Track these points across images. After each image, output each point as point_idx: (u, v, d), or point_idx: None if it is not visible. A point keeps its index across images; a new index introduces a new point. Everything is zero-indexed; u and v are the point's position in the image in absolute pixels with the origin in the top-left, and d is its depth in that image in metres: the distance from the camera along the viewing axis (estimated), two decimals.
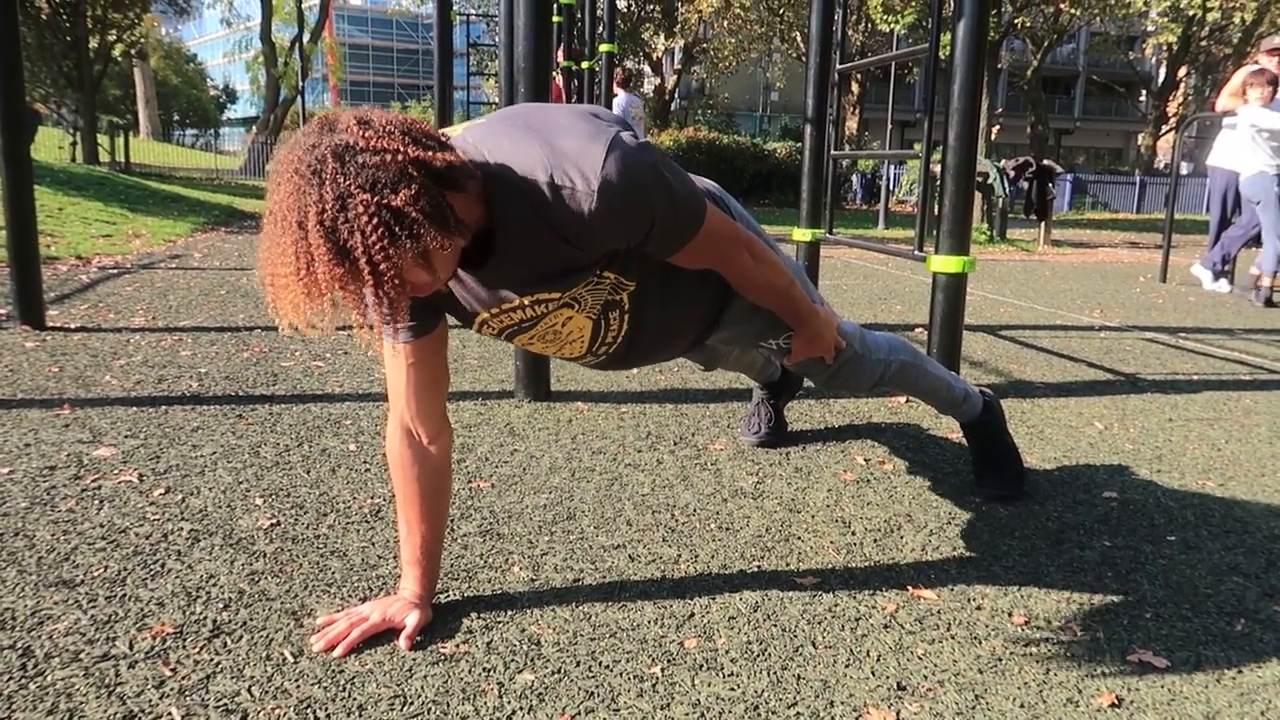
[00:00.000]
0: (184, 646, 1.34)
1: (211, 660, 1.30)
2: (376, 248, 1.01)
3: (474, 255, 1.24)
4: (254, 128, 26.35)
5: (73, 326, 3.54)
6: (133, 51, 21.44)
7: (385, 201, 1.02)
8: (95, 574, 1.54)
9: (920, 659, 1.39)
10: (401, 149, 1.05)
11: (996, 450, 2.11)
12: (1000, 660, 1.39)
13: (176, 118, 46.42)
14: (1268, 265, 5.86)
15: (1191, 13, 17.95)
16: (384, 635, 1.38)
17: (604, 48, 6.61)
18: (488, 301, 1.35)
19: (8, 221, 3.36)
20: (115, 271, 5.11)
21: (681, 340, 1.61)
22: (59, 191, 8.32)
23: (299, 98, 13.69)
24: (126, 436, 2.26)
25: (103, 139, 18.08)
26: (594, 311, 1.40)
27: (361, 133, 1.04)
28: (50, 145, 15.99)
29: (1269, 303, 5.79)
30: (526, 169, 1.17)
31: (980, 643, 1.44)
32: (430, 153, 1.07)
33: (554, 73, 7.24)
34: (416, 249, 1.04)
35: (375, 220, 1.01)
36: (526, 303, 1.34)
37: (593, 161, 1.15)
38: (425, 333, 1.35)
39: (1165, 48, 24.88)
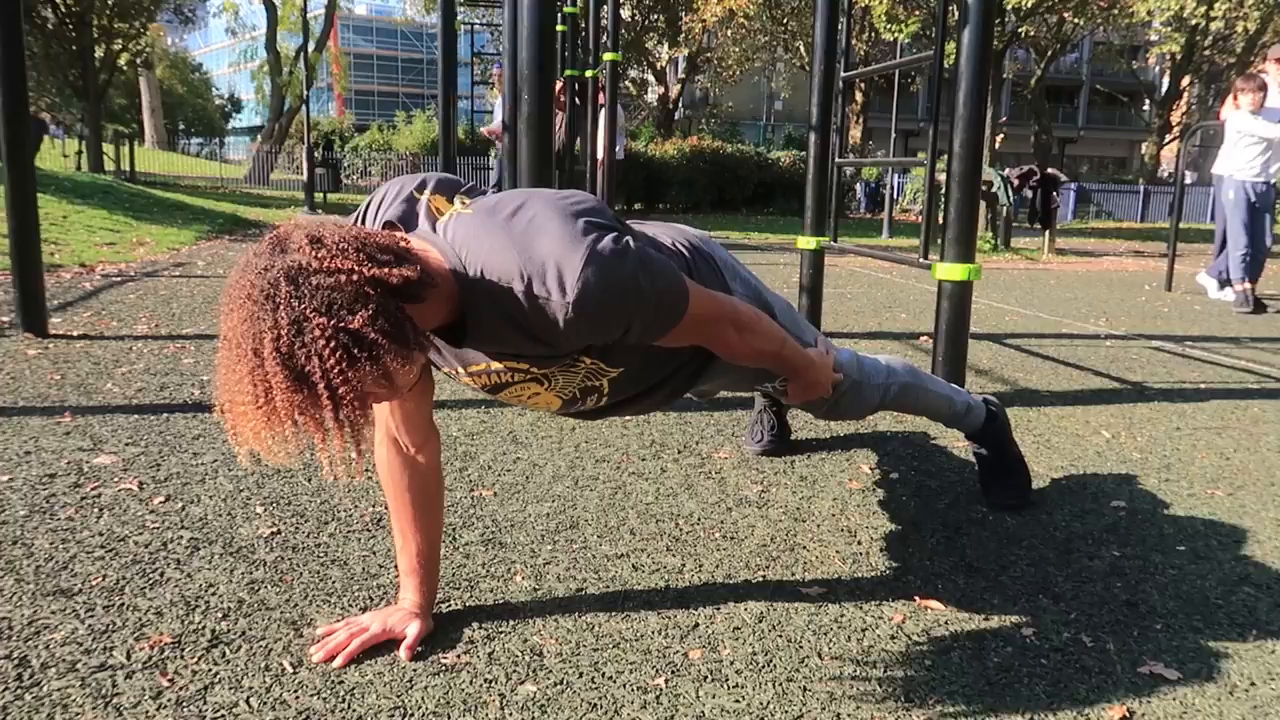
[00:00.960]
0: (182, 656, 1.32)
1: (210, 670, 1.29)
2: (335, 371, 0.98)
3: (446, 334, 1.22)
4: (259, 137, 26.43)
5: (75, 334, 3.54)
6: (138, 61, 21.54)
7: (342, 324, 0.99)
8: (93, 583, 1.53)
9: (928, 670, 1.37)
10: (356, 268, 1.01)
11: (1002, 460, 2.09)
12: (1009, 672, 1.37)
13: (182, 126, 46.60)
14: (1234, 273, 5.88)
15: (1195, 22, 17.97)
16: (384, 645, 1.37)
17: (608, 56, 6.61)
18: (458, 362, 1.33)
19: (11, 229, 3.35)
20: (119, 279, 5.11)
21: (661, 400, 1.59)
22: (63, 199, 8.33)
23: (304, 107, 13.72)
24: (127, 444, 2.24)
25: (108, 148, 18.14)
26: (564, 393, 1.38)
27: (314, 253, 1.01)
28: (55, 154, 16.05)
29: (1259, 306, 5.77)
30: (503, 275, 1.13)
31: (989, 654, 1.42)
32: (386, 269, 1.04)
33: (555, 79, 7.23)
34: (376, 370, 1.01)
35: (333, 344, 0.98)
36: (496, 368, 1.32)
37: (570, 272, 1.11)
38: None
39: (1168, 57, 24.89)
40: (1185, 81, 26.98)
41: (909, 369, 1.90)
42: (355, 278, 1.01)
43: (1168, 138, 27.36)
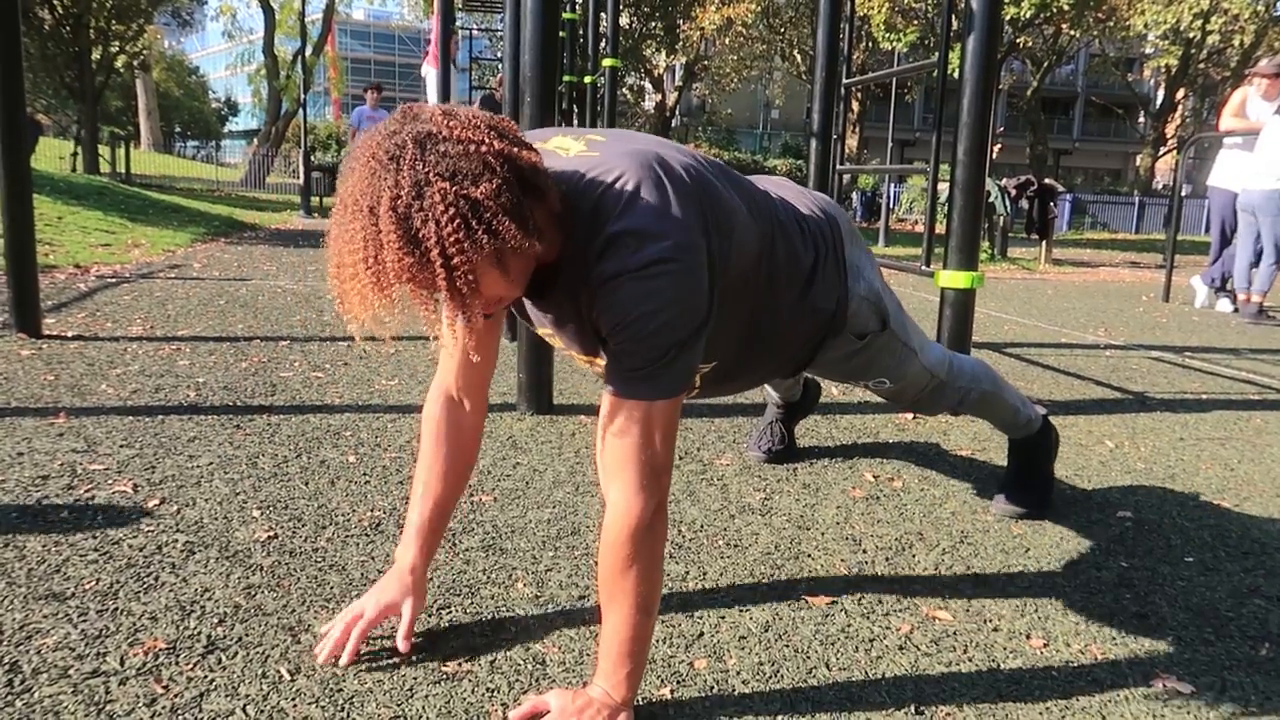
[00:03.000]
0: (177, 663, 1.29)
1: (205, 677, 1.26)
2: (451, 239, 0.95)
3: (532, 284, 1.18)
4: (255, 140, 26.39)
5: (69, 335, 3.50)
6: (135, 63, 21.50)
7: (464, 192, 0.96)
8: (86, 587, 1.50)
9: (937, 682, 1.34)
10: (487, 140, 0.99)
11: (1034, 471, 2.07)
12: (1020, 684, 1.35)
13: (178, 129, 46.51)
14: (1261, 284, 5.84)
15: (1191, 35, 18.04)
16: (383, 648, 1.34)
17: (607, 62, 6.60)
18: (535, 320, 1.32)
19: (5, 229, 3.32)
20: (113, 281, 5.07)
21: (760, 381, 1.60)
22: (58, 200, 8.29)
23: (300, 110, 13.69)
24: (122, 446, 2.21)
25: (104, 149, 18.08)
26: None
27: (446, 122, 0.99)
28: (51, 155, 16.00)
29: (1261, 312, 5.76)
30: (612, 205, 1.10)
31: (999, 665, 1.40)
32: (518, 149, 1.02)
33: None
34: (493, 246, 0.98)
35: (452, 210, 0.95)
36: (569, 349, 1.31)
37: (654, 248, 1.08)
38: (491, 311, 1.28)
39: (1164, 70, 25.00)
40: (1180, 94, 27.10)
41: (992, 379, 1.90)
42: (484, 149, 0.99)
43: (1162, 150, 27.48)
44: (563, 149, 1.21)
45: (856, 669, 1.37)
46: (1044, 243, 10.14)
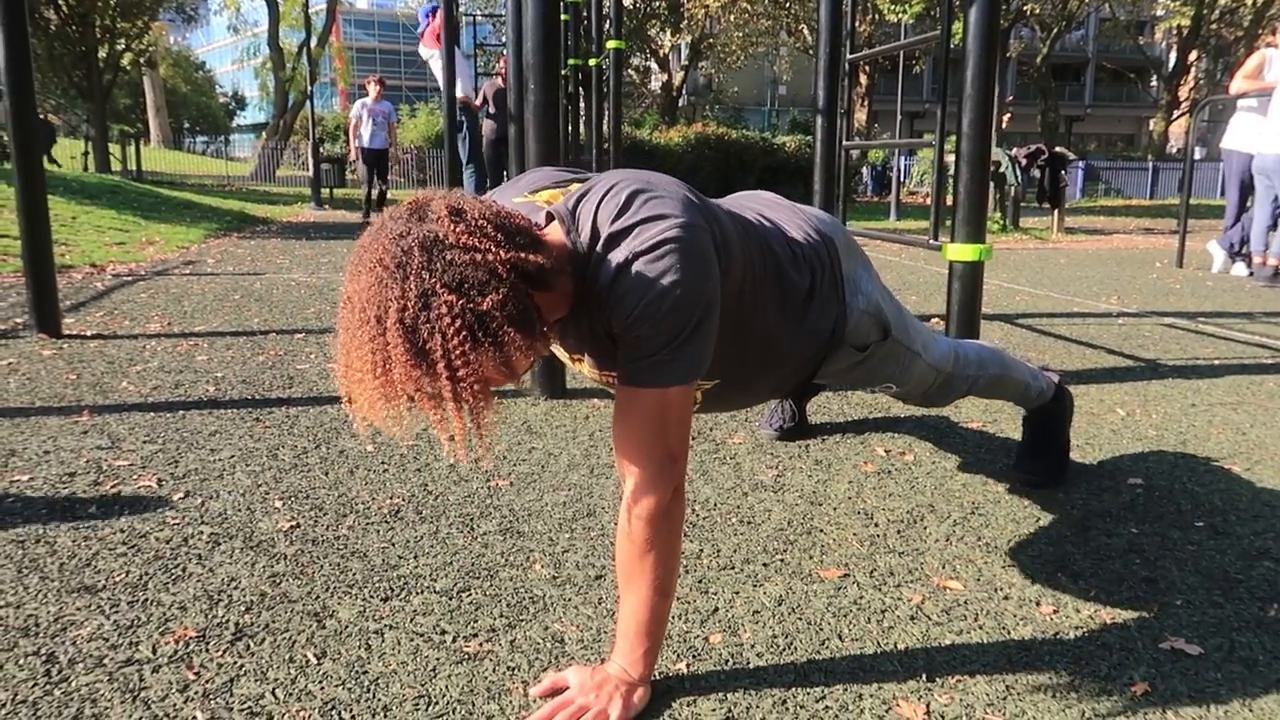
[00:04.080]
0: (207, 650, 1.33)
1: (235, 663, 1.30)
2: (457, 351, 0.96)
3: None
4: (264, 133, 26.46)
5: (89, 334, 3.55)
6: (142, 60, 21.57)
7: (471, 304, 0.96)
8: (117, 579, 1.54)
9: (949, 650, 1.37)
10: (494, 248, 0.99)
11: (1050, 440, 2.08)
12: (1030, 650, 1.38)
13: (187, 125, 46.67)
14: (1277, 248, 5.79)
15: None
16: (404, 633, 1.38)
17: (611, 44, 6.58)
18: (567, 352, 1.34)
19: (23, 231, 3.37)
20: (129, 279, 5.13)
21: (760, 398, 1.60)
22: (72, 200, 8.36)
23: (308, 102, 13.72)
24: (145, 442, 2.26)
25: (114, 148, 18.18)
26: None
27: (453, 226, 0.99)
28: (62, 155, 16.10)
29: (1277, 275, 5.72)
30: (608, 212, 1.12)
31: (1009, 633, 1.43)
32: (522, 254, 1.02)
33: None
34: (499, 356, 0.99)
35: (459, 323, 0.96)
36: (592, 374, 1.32)
37: (657, 229, 1.10)
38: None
39: (1176, 31, 24.67)
40: (1193, 56, 26.76)
41: (1000, 362, 1.90)
42: (491, 258, 0.98)
43: (1175, 113, 27.16)
44: (550, 204, 1.23)
45: (869, 640, 1.40)
46: (1056, 211, 10.08)
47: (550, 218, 1.17)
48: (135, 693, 1.22)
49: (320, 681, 1.26)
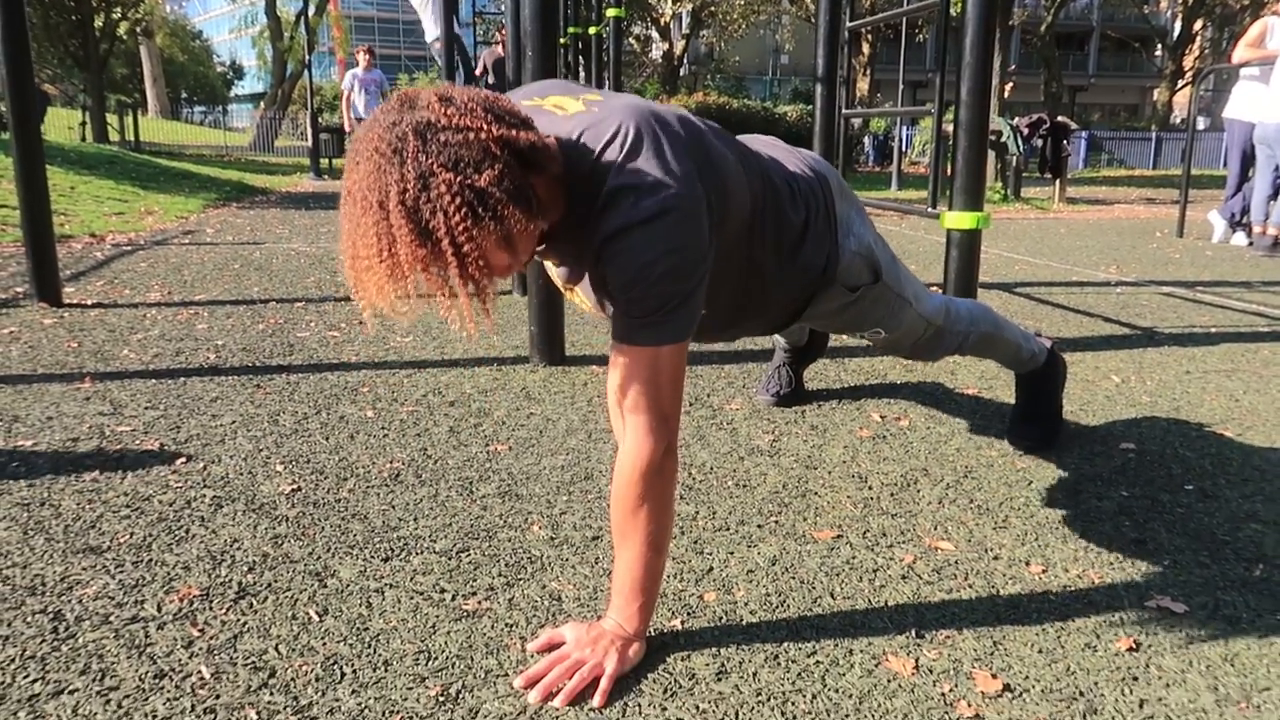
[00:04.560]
0: (211, 608, 1.36)
1: (238, 621, 1.33)
2: (460, 228, 0.99)
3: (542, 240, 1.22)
4: (262, 103, 26.29)
5: (89, 303, 3.57)
6: (138, 29, 21.39)
7: (469, 181, 0.99)
8: (121, 540, 1.57)
9: (938, 608, 1.40)
10: (485, 126, 1.02)
11: (1043, 405, 2.11)
12: (1018, 608, 1.40)
13: (184, 95, 46.36)
14: (1277, 217, 5.78)
15: None
16: (405, 591, 1.40)
17: (611, 12, 6.53)
18: (551, 270, 1.35)
19: (22, 201, 3.37)
20: (129, 248, 5.14)
21: (750, 331, 1.62)
22: (70, 171, 8.34)
23: (306, 72, 13.63)
24: (147, 408, 2.28)
25: (111, 118, 18.08)
26: None
27: (443, 110, 1.01)
28: (60, 125, 16.02)
29: (1276, 245, 5.71)
30: (611, 162, 1.13)
31: (998, 591, 1.45)
32: (514, 131, 1.04)
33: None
34: (500, 231, 1.02)
35: (459, 200, 0.99)
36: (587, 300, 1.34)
37: (653, 199, 1.11)
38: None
39: (1180, 0, 24.42)
40: (1198, 25, 26.51)
41: (992, 320, 1.93)
42: (483, 135, 1.01)
43: (1180, 83, 26.96)
44: (560, 108, 1.24)
45: (860, 598, 1.43)
46: (1058, 181, 10.04)
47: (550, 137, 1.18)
48: (141, 648, 1.25)
49: (322, 638, 1.29)
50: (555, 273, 1.37)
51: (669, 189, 1.12)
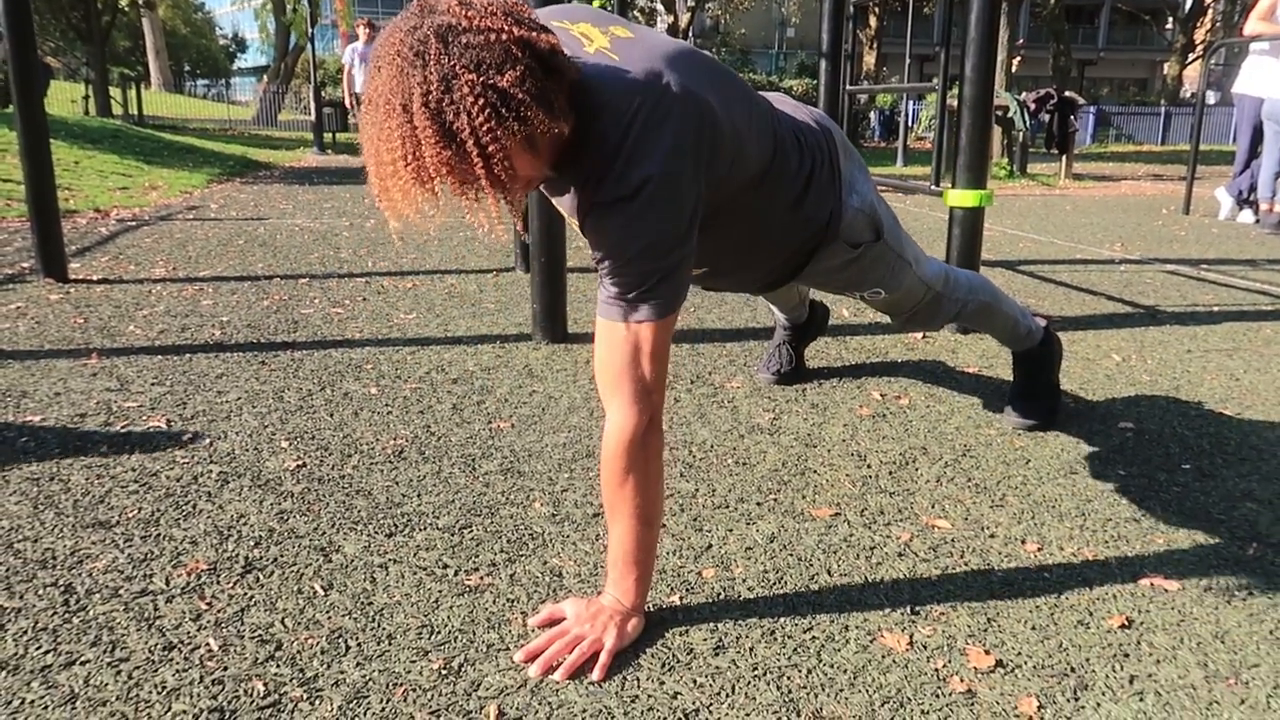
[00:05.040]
0: (218, 582, 1.38)
1: (245, 594, 1.35)
2: (484, 129, 0.99)
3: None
4: (265, 77, 26.18)
5: (95, 279, 3.58)
6: (140, 1, 21.25)
7: (491, 82, 0.99)
8: (130, 515, 1.59)
9: (934, 585, 1.42)
10: (506, 28, 1.02)
11: (1040, 384, 2.12)
12: (1012, 585, 1.42)
13: (187, 68, 46.14)
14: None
15: None
16: (408, 567, 1.43)
17: None
18: (556, 200, 1.34)
19: (26, 176, 3.38)
20: (134, 224, 5.15)
21: (751, 283, 1.63)
22: (74, 145, 8.33)
23: (309, 45, 13.56)
24: (153, 384, 2.30)
25: (115, 91, 18.02)
26: None
27: (463, 12, 1.01)
28: (63, 99, 15.97)
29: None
30: (615, 119, 1.13)
31: (993, 569, 1.47)
32: (535, 34, 1.04)
33: None
34: (524, 131, 1.02)
35: (482, 101, 0.99)
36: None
37: (639, 174, 1.11)
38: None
39: None
40: None
41: (991, 291, 1.95)
42: (504, 37, 1.01)
43: (1190, 57, 26.70)
44: (587, 37, 1.23)
45: (857, 574, 1.45)
46: (1064, 157, 9.98)
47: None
48: (150, 621, 1.27)
49: (328, 611, 1.31)
50: (556, 201, 1.36)
51: (656, 168, 1.12)
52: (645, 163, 1.12)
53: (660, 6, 26.17)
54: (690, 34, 27.45)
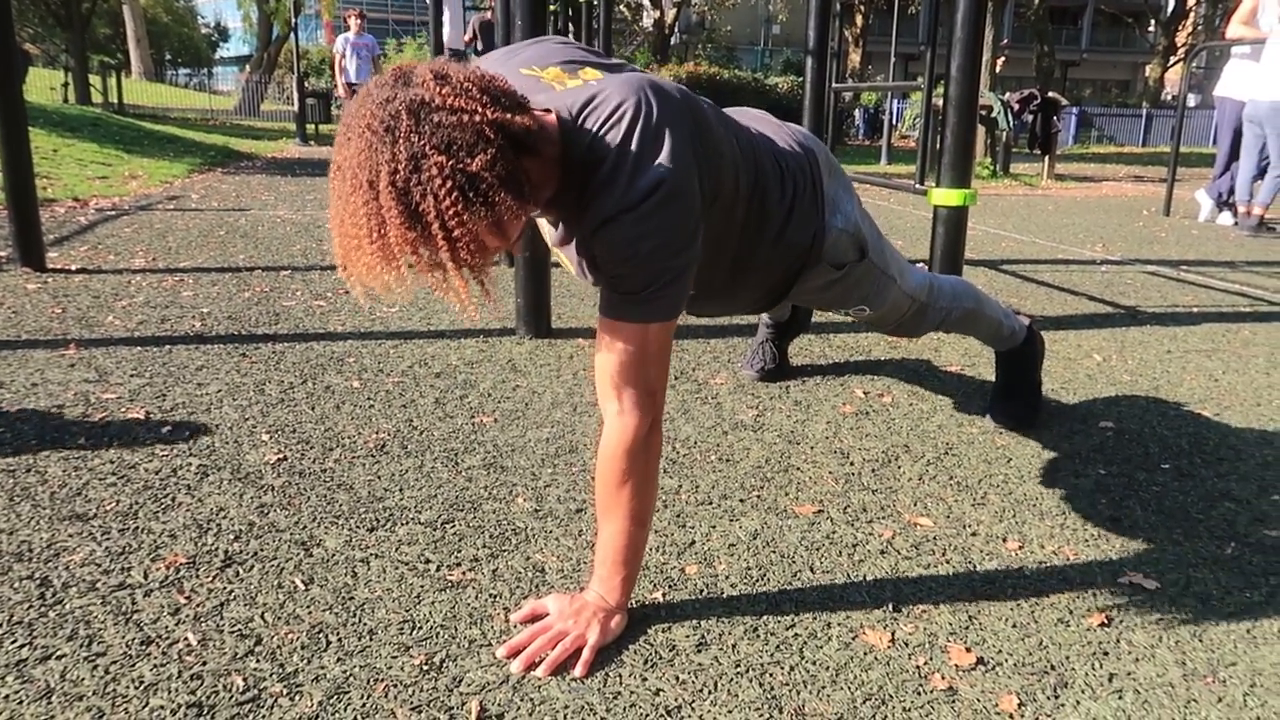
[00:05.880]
0: (197, 576, 1.37)
1: (225, 589, 1.34)
2: (450, 212, 0.97)
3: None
4: (247, 66, 25.97)
5: (73, 268, 3.54)
6: None
7: (461, 165, 0.98)
8: (107, 508, 1.57)
9: (916, 583, 1.42)
10: (480, 109, 1.00)
11: (1021, 382, 2.13)
12: (993, 583, 1.43)
13: (169, 57, 45.66)
14: (1265, 197, 5.81)
15: None
16: (390, 561, 1.42)
17: None
18: (547, 234, 1.34)
19: (4, 163, 3.33)
20: (113, 213, 5.09)
21: (738, 308, 1.64)
22: (52, 133, 8.24)
23: (292, 35, 13.46)
24: (132, 376, 2.28)
25: (94, 79, 17.82)
26: None
27: (438, 89, 0.99)
28: (42, 86, 15.79)
29: (1261, 225, 5.74)
30: (608, 141, 1.13)
31: (974, 567, 1.48)
32: (509, 115, 1.03)
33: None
34: (491, 217, 1.00)
35: (450, 184, 0.97)
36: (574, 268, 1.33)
37: (645, 180, 1.10)
38: None
39: None
40: (1192, 1, 26.43)
41: (974, 297, 1.94)
42: (477, 118, 0.99)
43: (1172, 59, 26.92)
44: (560, 83, 1.23)
45: (839, 572, 1.45)
46: (1047, 158, 10.04)
47: (549, 112, 1.17)
48: (128, 615, 1.26)
49: (308, 606, 1.30)
50: (547, 230, 1.36)
51: (662, 170, 1.12)
52: (650, 170, 1.11)
53: (647, 3, 26.13)
54: (676, 30, 27.42)
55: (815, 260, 1.55)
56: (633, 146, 1.12)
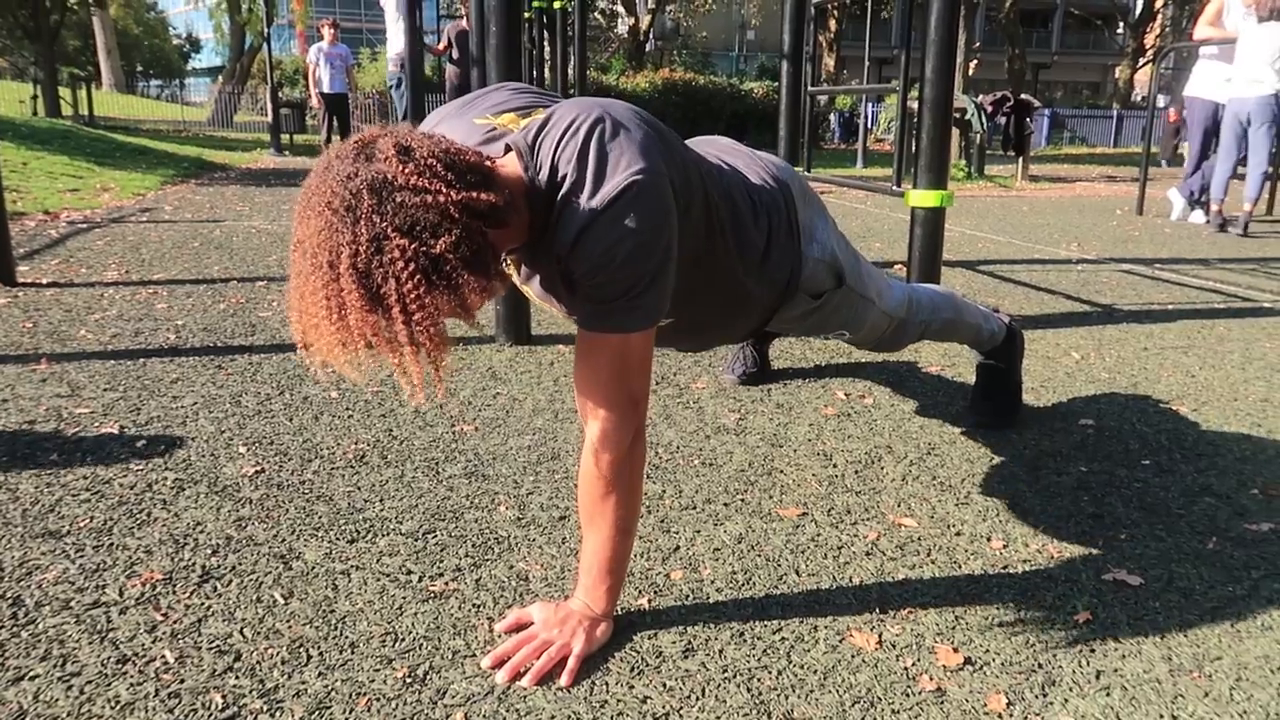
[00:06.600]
0: (174, 592, 1.34)
1: (202, 604, 1.31)
2: (411, 296, 0.95)
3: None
4: (220, 78, 25.78)
5: (44, 282, 3.49)
6: (90, 0, 20.83)
7: (424, 248, 0.95)
8: (81, 524, 1.54)
9: (901, 584, 1.42)
10: (444, 189, 0.97)
11: (1003, 382, 2.13)
12: (979, 583, 1.43)
13: (140, 69, 45.27)
14: (1251, 192, 5.86)
15: None
16: (371, 573, 1.40)
17: None
18: (526, 281, 1.32)
19: None
20: (85, 226, 5.03)
21: (714, 342, 1.62)
22: (22, 146, 8.13)
23: (265, 45, 13.37)
24: (105, 390, 2.24)
25: (64, 91, 17.63)
26: None
27: (401, 167, 0.96)
28: (10, 99, 15.61)
29: (1226, 223, 5.82)
30: (568, 159, 1.10)
31: (960, 567, 1.48)
32: (475, 193, 0.99)
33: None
34: (455, 299, 0.98)
35: (412, 267, 0.94)
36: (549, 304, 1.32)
37: (613, 182, 1.08)
38: None
39: None
40: (1159, 3, 26.79)
41: (953, 305, 1.93)
42: (442, 199, 0.96)
43: (1141, 61, 27.25)
44: (515, 125, 1.22)
45: (825, 574, 1.44)
46: (1020, 159, 10.13)
47: (508, 149, 1.16)
48: (103, 633, 1.24)
49: (288, 620, 1.28)
50: (512, 271, 1.33)
51: (627, 170, 1.09)
52: (616, 171, 1.09)
53: (621, 9, 26.18)
54: (651, 36, 27.49)
55: (793, 294, 1.51)
56: (591, 154, 1.09)
